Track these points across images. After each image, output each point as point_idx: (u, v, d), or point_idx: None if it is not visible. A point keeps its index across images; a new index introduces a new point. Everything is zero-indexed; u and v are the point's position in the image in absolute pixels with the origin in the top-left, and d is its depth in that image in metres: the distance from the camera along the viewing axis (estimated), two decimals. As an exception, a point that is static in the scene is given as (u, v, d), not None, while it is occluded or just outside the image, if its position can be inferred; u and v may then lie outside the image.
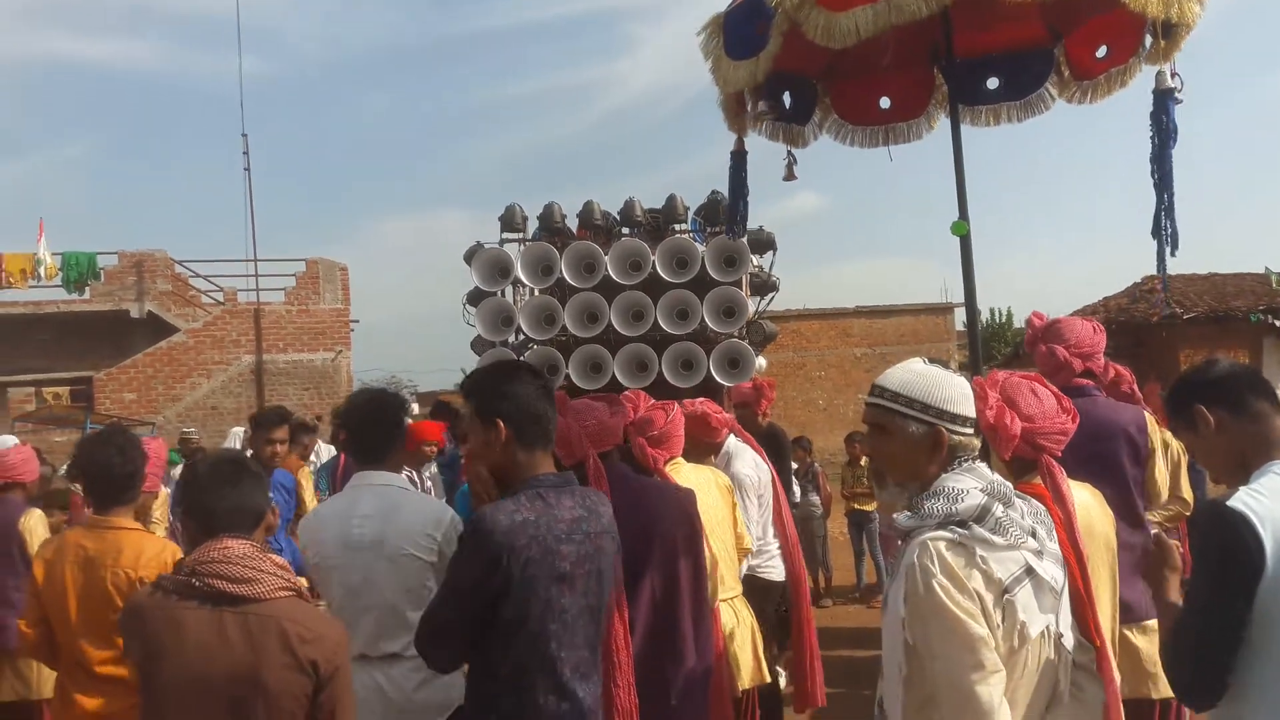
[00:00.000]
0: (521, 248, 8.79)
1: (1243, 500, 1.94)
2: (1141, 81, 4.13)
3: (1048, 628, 1.90)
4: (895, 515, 2.04)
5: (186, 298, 19.95)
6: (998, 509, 1.89)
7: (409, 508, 3.21)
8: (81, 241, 25.79)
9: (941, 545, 1.85)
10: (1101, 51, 4.46)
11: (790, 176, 5.08)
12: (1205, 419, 2.21)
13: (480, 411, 2.40)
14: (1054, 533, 2.03)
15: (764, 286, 9.38)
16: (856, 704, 4.28)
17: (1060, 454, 2.71)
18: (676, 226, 8.90)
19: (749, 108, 4.71)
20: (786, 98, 4.89)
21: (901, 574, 1.91)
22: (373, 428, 3.31)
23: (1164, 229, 3.93)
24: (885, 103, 5.09)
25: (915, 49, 4.77)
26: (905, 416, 2.00)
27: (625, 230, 8.90)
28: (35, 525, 4.55)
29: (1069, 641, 1.97)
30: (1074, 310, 25.50)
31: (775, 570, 4.84)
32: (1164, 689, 3.17)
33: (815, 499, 8.69)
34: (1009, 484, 2.00)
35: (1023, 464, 2.72)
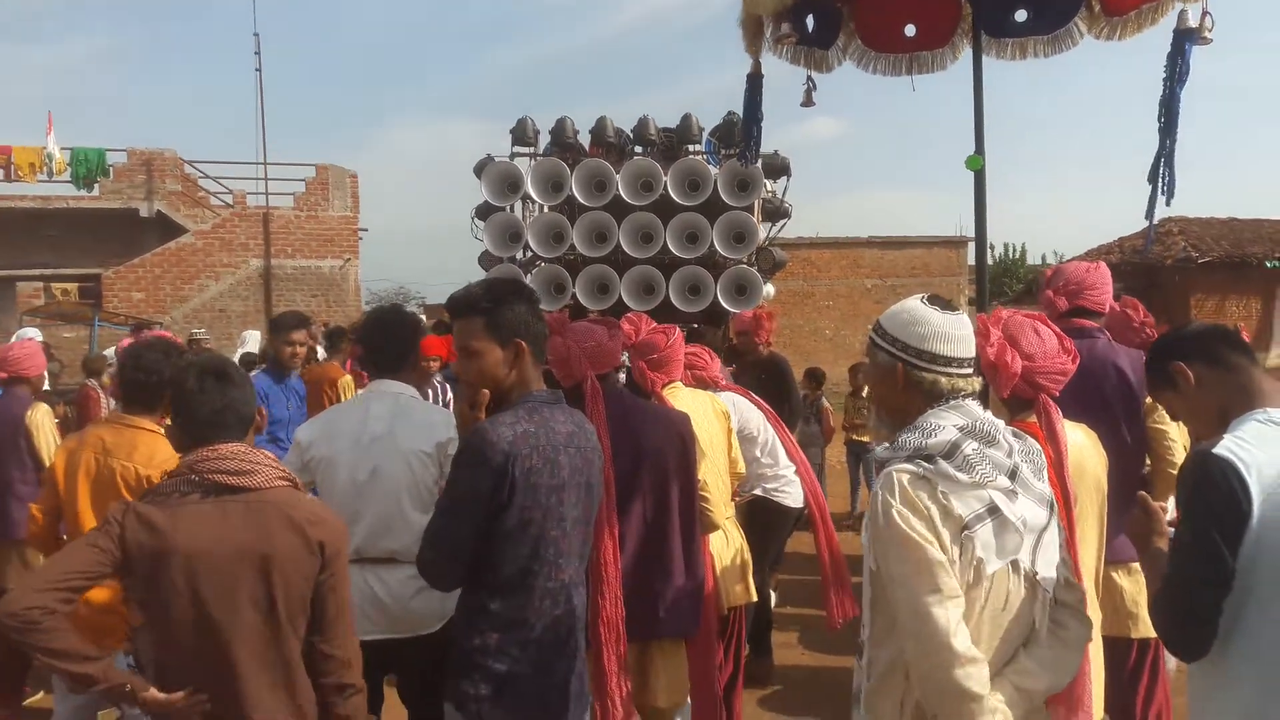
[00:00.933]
0: (532, 163, 8.69)
1: (1228, 447, 1.95)
2: (1172, 20, 4.00)
3: (1014, 564, 1.92)
4: (876, 448, 2.06)
5: (195, 198, 19.83)
6: (969, 446, 1.91)
7: (420, 412, 3.34)
8: (90, 137, 25.57)
9: (904, 477, 1.90)
10: (1134, -15, 4.32)
11: (808, 102, 4.99)
12: (1185, 375, 2.21)
13: (497, 331, 2.38)
14: (1044, 473, 2.04)
15: (776, 213, 9.29)
16: (846, 628, 4.37)
17: (1058, 394, 2.72)
18: (690, 147, 8.78)
19: (768, 31, 4.59)
20: (810, 21, 4.77)
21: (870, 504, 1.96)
22: (389, 341, 3.41)
23: (1161, 176, 3.86)
24: (910, 30, 4.95)
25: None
26: (876, 346, 2.08)
27: (638, 149, 8.78)
28: (42, 419, 4.61)
29: (1047, 579, 1.98)
30: (1089, 250, 25.31)
31: (789, 496, 4.88)
32: (1143, 629, 3.23)
33: (816, 429, 8.73)
34: (999, 423, 2.00)
35: (1020, 402, 2.73)
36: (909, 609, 1.85)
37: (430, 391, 6.13)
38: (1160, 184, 3.87)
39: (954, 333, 2.00)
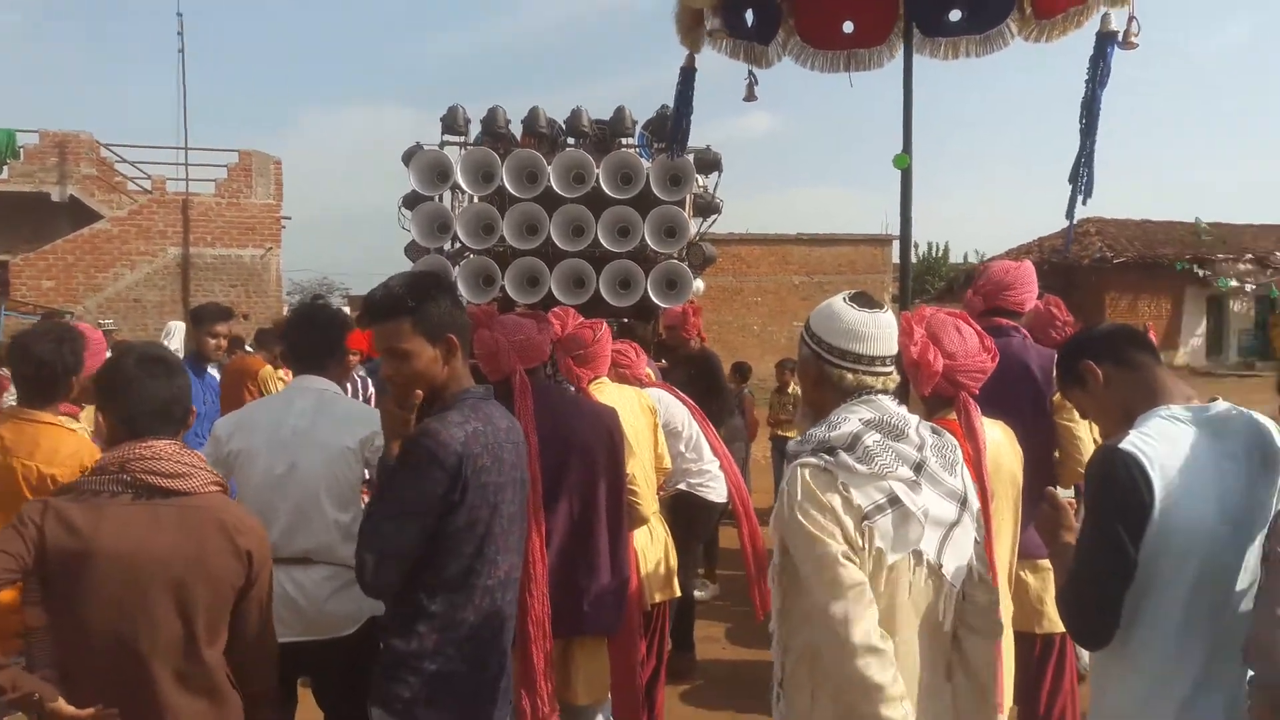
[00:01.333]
0: (462, 152, 8.56)
1: (1133, 443, 2.01)
2: (1097, 23, 4.11)
3: (916, 555, 1.97)
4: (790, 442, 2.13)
5: (112, 183, 19.17)
6: (869, 438, 1.96)
7: (344, 407, 3.28)
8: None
9: (806, 472, 1.97)
10: (1063, -12, 4.40)
11: (750, 97, 5.01)
12: (1094, 374, 2.27)
13: (426, 329, 2.30)
14: (958, 468, 2.08)
15: (707, 208, 9.32)
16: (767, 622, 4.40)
17: (977, 391, 2.77)
18: (623, 140, 8.74)
19: (706, 24, 4.58)
20: (749, 15, 4.78)
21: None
22: (314, 337, 3.34)
23: (1081, 176, 3.97)
24: (848, 27, 4.98)
25: (881, -28, 4.66)
26: (801, 341, 2.16)
27: (570, 141, 8.71)
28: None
29: (955, 573, 2.03)
30: (1009, 249, 26.01)
31: (713, 491, 4.90)
32: (1048, 625, 3.33)
33: (740, 422, 8.78)
34: (912, 418, 2.05)
35: (941, 400, 2.78)
36: (811, 603, 1.93)
37: (350, 386, 6.02)
38: (1079, 185, 3.97)
39: (867, 330, 2.05)
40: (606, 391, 3.68)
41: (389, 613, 2.39)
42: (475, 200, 8.56)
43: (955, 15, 4.77)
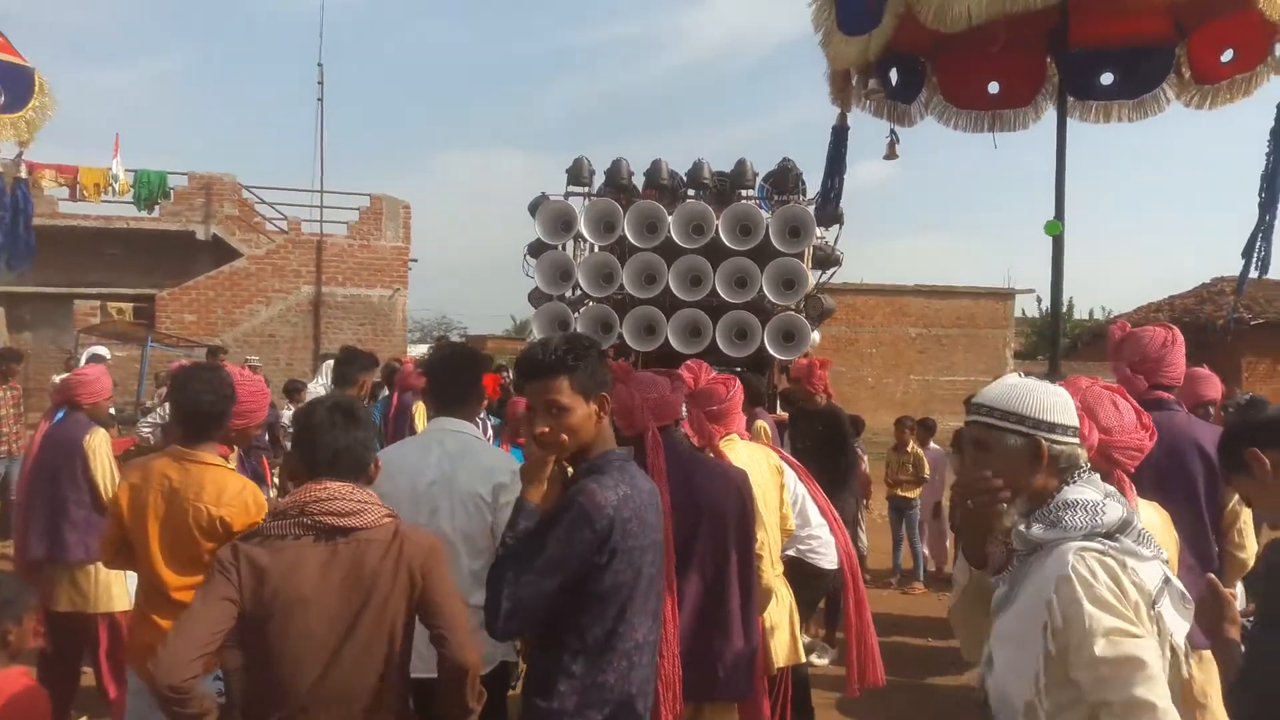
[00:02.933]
0: (586, 202, 8.76)
1: None
2: (1267, 92, 3.95)
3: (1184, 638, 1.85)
4: (1022, 529, 1.92)
5: (251, 223, 20.20)
6: (1137, 520, 1.86)
7: (480, 452, 3.35)
8: (153, 159, 26.14)
9: (1093, 559, 1.79)
10: (1227, 55, 4.25)
11: (892, 155, 5.00)
12: (1261, 462, 2.17)
13: (584, 386, 2.36)
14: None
15: (826, 260, 9.27)
16: (889, 689, 4.27)
17: (1133, 469, 2.64)
18: (743, 192, 8.80)
19: (855, 83, 4.60)
20: (893, 75, 4.78)
21: (1049, 583, 1.81)
22: (456, 377, 3.45)
23: (1257, 250, 3.81)
24: (994, 88, 4.94)
25: (1030, 35, 4.59)
26: (1002, 430, 1.97)
27: (691, 192, 8.81)
28: (99, 445, 4.64)
29: (1182, 650, 1.90)
30: (1138, 307, 24.90)
31: (825, 558, 4.76)
32: None
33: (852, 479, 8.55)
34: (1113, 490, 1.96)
35: (1094, 477, 2.66)
36: (1121, 700, 1.73)
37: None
38: (1255, 258, 3.83)
39: (1066, 401, 1.98)
40: (736, 449, 3.63)
41: (531, 670, 2.42)
42: (597, 249, 8.73)
43: (1107, 79, 4.67)
